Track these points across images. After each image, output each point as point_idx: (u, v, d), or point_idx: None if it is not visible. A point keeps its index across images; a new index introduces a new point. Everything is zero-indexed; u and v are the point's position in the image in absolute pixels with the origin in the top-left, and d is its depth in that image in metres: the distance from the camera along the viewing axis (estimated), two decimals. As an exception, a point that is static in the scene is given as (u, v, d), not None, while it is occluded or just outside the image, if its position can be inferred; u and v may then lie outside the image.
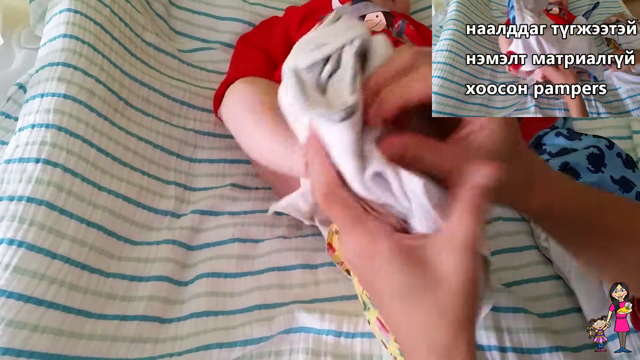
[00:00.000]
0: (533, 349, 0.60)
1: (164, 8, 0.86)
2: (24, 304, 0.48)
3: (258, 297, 0.61)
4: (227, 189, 0.72)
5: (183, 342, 0.56)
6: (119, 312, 0.56)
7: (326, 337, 0.56)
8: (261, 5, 0.93)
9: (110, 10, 0.71)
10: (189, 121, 0.76)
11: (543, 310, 0.65)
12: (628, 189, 0.68)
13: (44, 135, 0.56)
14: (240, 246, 0.66)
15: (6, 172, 0.54)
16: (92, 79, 0.63)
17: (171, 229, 0.65)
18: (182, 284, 0.62)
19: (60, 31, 0.64)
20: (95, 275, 0.56)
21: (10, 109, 0.69)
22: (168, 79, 0.77)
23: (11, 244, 0.49)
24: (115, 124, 0.65)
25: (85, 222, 0.56)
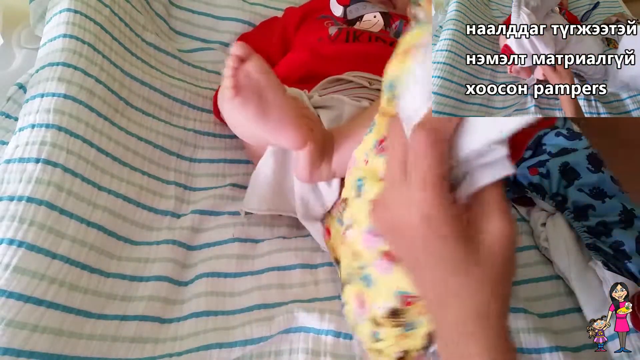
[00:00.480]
0: (533, 349, 0.60)
1: (164, 8, 0.86)
2: (24, 304, 0.48)
3: (258, 297, 0.61)
4: (227, 189, 0.72)
5: (183, 342, 0.56)
6: (119, 312, 0.56)
7: (325, 337, 0.56)
8: (261, 5, 0.93)
9: (110, 10, 0.71)
10: (189, 121, 0.76)
11: (543, 310, 0.65)
12: (628, 188, 0.68)
13: (44, 135, 0.56)
14: (240, 246, 0.66)
15: (6, 172, 0.54)
16: (92, 79, 0.63)
17: (171, 229, 0.65)
18: (182, 284, 0.62)
19: (60, 31, 0.64)
20: (95, 275, 0.56)
21: (10, 109, 0.69)
22: (168, 78, 0.77)
23: (11, 244, 0.49)
24: (115, 124, 0.65)
25: (85, 222, 0.56)
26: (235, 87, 0.52)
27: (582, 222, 0.68)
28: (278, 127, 0.56)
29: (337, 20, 0.88)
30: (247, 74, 0.52)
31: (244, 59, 0.52)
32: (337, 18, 0.88)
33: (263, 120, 0.55)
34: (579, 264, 0.67)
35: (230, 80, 0.51)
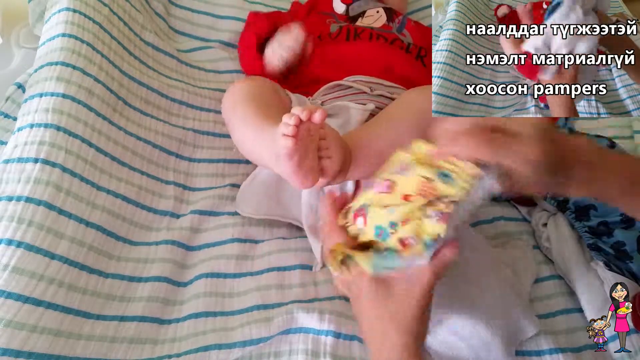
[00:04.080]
0: (534, 351, 0.60)
1: (163, 7, 0.85)
2: (23, 304, 0.48)
3: (257, 297, 0.60)
4: (226, 189, 0.72)
5: (182, 343, 0.56)
6: (118, 313, 0.55)
7: (325, 338, 0.56)
8: (261, 4, 0.93)
9: (109, 10, 0.71)
10: (188, 120, 0.76)
11: (544, 310, 0.65)
12: (629, 188, 0.68)
13: (43, 134, 0.56)
14: (240, 246, 0.66)
15: (5, 172, 0.54)
16: (91, 78, 0.63)
17: (170, 229, 0.65)
18: (181, 285, 0.62)
19: (59, 30, 0.64)
20: (94, 275, 0.56)
21: (9, 108, 0.69)
22: (166, 79, 0.76)
23: (10, 244, 0.49)
24: (114, 123, 0.65)
25: (84, 222, 0.56)
26: (295, 147, 0.48)
27: (584, 223, 0.68)
28: (297, 174, 0.52)
29: (339, 18, 0.88)
30: (308, 130, 0.49)
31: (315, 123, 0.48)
32: (338, 16, 0.88)
33: (294, 168, 0.51)
34: (580, 264, 0.67)
35: (291, 140, 0.48)
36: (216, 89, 0.80)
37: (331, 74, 0.73)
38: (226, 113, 0.69)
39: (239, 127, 0.65)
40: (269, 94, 0.66)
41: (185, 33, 0.87)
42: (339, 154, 0.54)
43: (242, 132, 0.64)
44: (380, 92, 0.70)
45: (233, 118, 0.66)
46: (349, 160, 0.56)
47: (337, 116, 0.67)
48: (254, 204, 0.68)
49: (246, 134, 0.63)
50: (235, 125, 0.66)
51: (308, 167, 0.51)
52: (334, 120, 0.67)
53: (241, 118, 0.63)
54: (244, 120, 0.62)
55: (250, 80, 0.71)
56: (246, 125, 0.62)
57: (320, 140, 0.53)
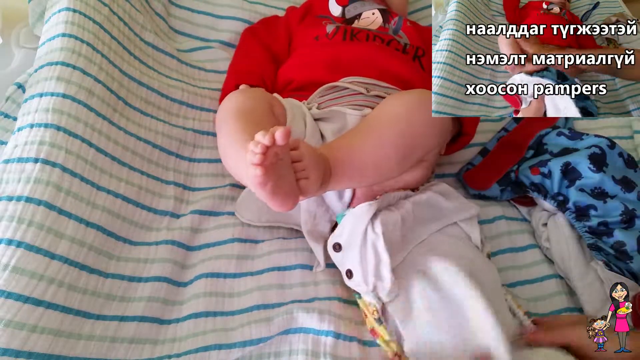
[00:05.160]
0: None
1: (163, 7, 0.85)
2: (23, 304, 0.48)
3: (257, 297, 0.60)
4: (226, 189, 0.72)
5: (182, 343, 0.56)
6: (118, 313, 0.55)
7: (325, 338, 0.56)
8: (261, 4, 0.93)
9: (109, 9, 0.71)
10: (188, 120, 0.76)
11: (544, 310, 0.65)
12: (629, 188, 0.68)
13: (43, 134, 0.56)
14: (240, 246, 0.66)
15: (5, 172, 0.54)
16: (91, 78, 0.63)
17: (170, 229, 0.65)
18: (181, 285, 0.62)
19: (59, 30, 0.64)
20: (94, 275, 0.56)
21: (9, 108, 0.69)
22: (166, 79, 0.76)
23: (10, 244, 0.49)
24: (114, 123, 0.65)
25: (84, 222, 0.56)
26: (266, 175, 0.47)
27: (584, 222, 0.68)
28: (274, 199, 0.51)
29: (335, 20, 0.88)
30: (276, 154, 0.47)
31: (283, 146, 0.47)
32: (335, 18, 0.88)
33: (269, 195, 0.50)
34: (581, 264, 0.67)
35: (260, 168, 0.46)
36: (216, 89, 0.80)
37: (327, 75, 0.73)
38: (217, 127, 0.69)
39: (223, 145, 0.64)
40: (261, 109, 0.65)
41: (185, 33, 0.87)
42: (317, 174, 0.53)
43: (225, 151, 0.64)
44: (376, 92, 0.70)
45: (219, 134, 0.66)
46: (328, 174, 0.56)
47: (333, 121, 0.67)
48: (254, 211, 0.68)
49: (229, 153, 0.62)
50: (220, 142, 0.66)
51: (284, 192, 0.50)
52: (330, 125, 0.67)
53: (226, 135, 0.62)
54: (229, 137, 0.61)
55: (245, 92, 0.70)
56: (230, 144, 0.61)
57: (295, 163, 0.52)
